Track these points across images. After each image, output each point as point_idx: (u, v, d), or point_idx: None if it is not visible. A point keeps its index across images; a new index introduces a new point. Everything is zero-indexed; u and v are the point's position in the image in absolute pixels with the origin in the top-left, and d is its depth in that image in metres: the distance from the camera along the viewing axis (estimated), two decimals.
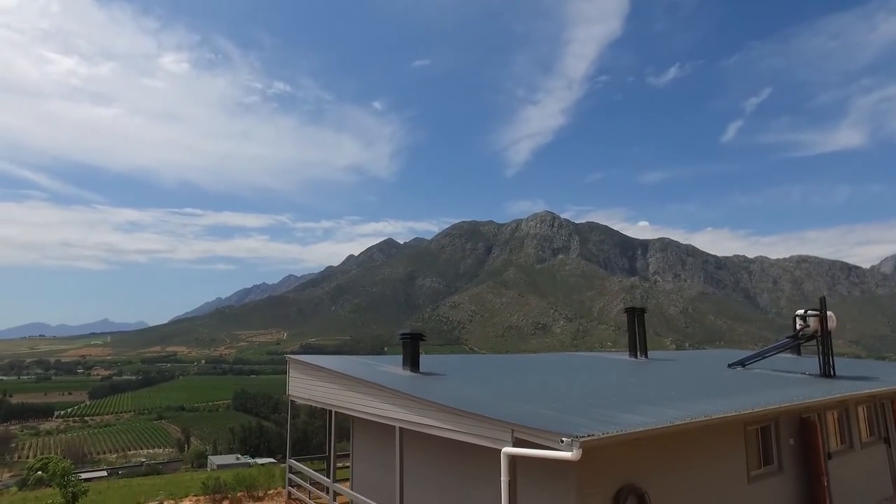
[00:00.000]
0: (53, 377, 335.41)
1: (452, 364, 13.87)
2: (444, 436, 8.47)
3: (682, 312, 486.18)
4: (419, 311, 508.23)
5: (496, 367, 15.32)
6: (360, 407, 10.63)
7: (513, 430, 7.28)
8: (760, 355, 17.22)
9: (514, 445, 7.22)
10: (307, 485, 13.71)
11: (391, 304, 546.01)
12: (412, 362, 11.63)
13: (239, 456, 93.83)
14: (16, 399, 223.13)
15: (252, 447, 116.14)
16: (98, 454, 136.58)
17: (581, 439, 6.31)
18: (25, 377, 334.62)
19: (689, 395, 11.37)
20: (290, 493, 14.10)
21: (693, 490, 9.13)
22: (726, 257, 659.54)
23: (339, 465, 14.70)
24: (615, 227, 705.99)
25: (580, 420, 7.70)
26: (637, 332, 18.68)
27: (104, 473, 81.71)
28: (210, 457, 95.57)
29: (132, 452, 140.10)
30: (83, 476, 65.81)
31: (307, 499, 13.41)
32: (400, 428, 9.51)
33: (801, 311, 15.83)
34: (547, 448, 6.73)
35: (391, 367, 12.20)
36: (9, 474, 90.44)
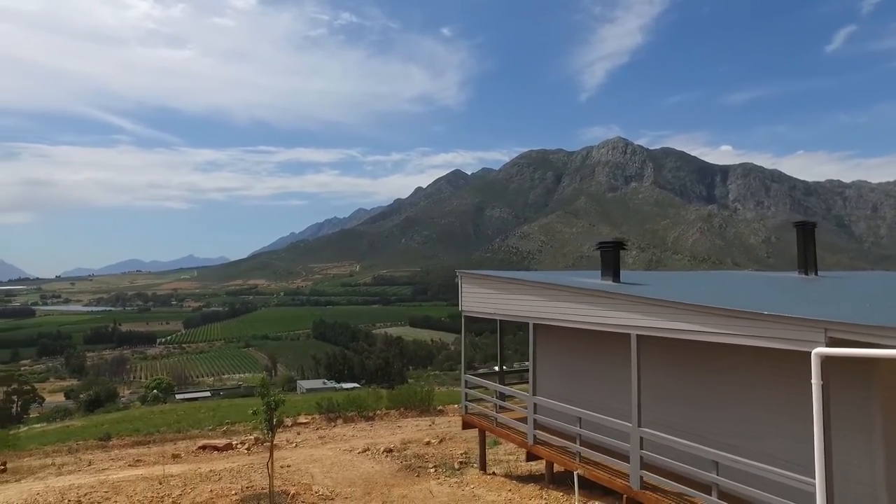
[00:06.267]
0: (152, 309, 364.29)
1: (643, 278, 12.55)
2: (715, 341, 7.45)
3: (763, 242, 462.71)
4: (488, 242, 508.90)
5: (696, 281, 13.91)
6: (576, 316, 9.84)
7: (826, 330, 6.15)
8: None
9: (828, 346, 6.11)
10: (493, 399, 13.07)
11: (460, 235, 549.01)
12: (614, 272, 10.46)
13: (325, 381, 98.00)
14: (124, 327, 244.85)
15: (336, 373, 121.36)
16: (197, 377, 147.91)
17: None
18: (129, 308, 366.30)
19: None
20: (467, 408, 13.44)
21: None
22: (817, 182, 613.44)
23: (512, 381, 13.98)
24: (694, 153, 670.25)
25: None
26: (807, 248, 16.51)
27: (208, 394, 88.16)
28: (298, 381, 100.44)
29: (226, 376, 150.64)
30: (191, 396, 70.25)
31: (494, 413, 12.70)
32: (637, 335, 8.46)
33: None
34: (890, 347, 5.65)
35: (588, 279, 11.14)
36: (128, 391, 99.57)
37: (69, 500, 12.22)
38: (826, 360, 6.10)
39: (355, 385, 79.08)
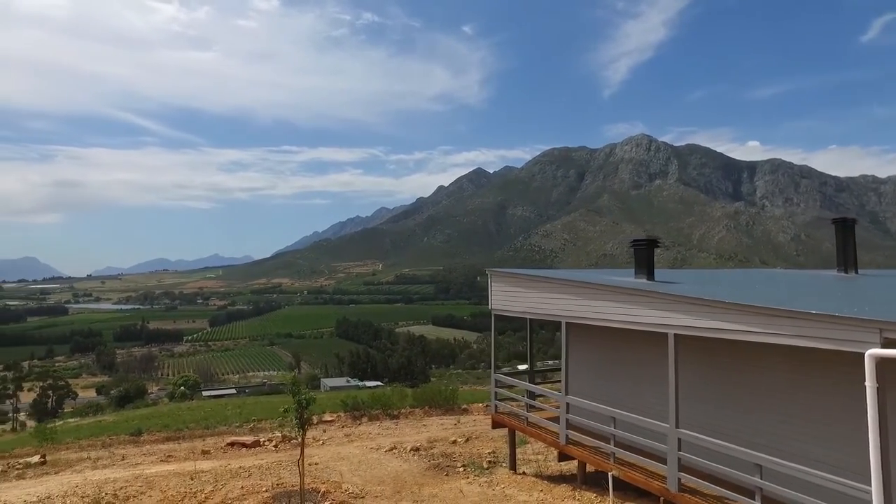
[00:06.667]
0: (179, 307, 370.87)
1: (676, 276, 12.30)
2: (758, 341, 7.23)
3: (792, 239, 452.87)
4: (510, 241, 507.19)
5: (732, 280, 13.61)
6: (611, 315, 9.69)
7: (881, 330, 5.91)
8: None
9: (884, 347, 5.87)
10: (524, 398, 12.90)
11: (482, 233, 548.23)
12: (648, 271, 10.21)
13: (349, 379, 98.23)
14: (152, 325, 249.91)
15: (360, 371, 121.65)
16: (223, 374, 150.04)
17: None
18: (156, 306, 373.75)
19: None
20: (496, 407, 13.34)
21: None
22: (850, 178, 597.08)
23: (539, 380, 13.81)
24: (719, 149, 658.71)
25: None
26: (846, 245, 15.96)
27: (233, 391, 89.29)
28: (322, 379, 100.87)
29: (251, 374, 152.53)
30: (217, 393, 71.15)
31: (525, 412, 12.59)
32: (675, 335, 8.25)
33: None
34: None
35: (622, 277, 10.96)
36: (156, 387, 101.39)
37: (106, 494, 12.43)
38: (881, 362, 5.89)
39: (378, 383, 79.23)
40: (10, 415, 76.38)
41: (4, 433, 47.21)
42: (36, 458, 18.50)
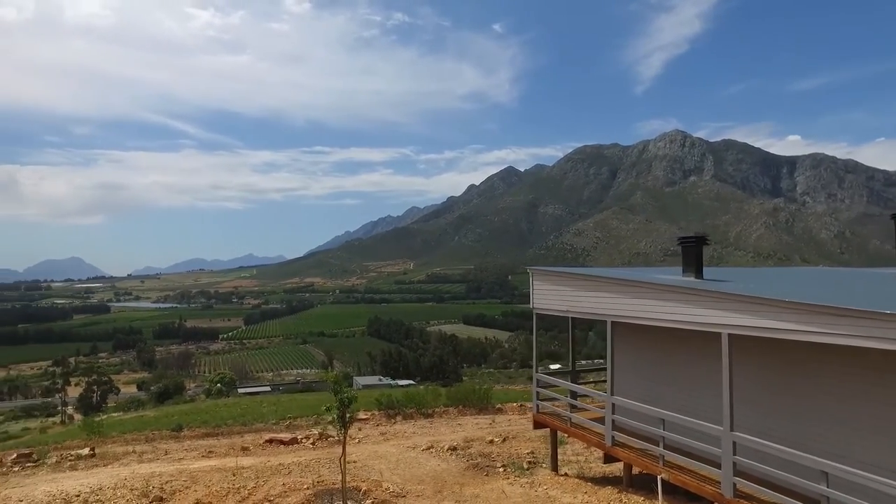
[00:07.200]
0: (214, 306, 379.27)
1: (724, 274, 11.89)
2: (822, 342, 6.90)
3: (836, 237, 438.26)
4: (542, 239, 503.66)
5: (783, 277, 13.13)
6: (660, 314, 9.41)
7: None
8: None
9: None
10: (567, 398, 12.69)
11: (513, 232, 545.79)
12: (696, 268, 9.89)
13: (381, 378, 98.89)
14: (189, 324, 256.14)
15: (392, 370, 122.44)
16: (257, 372, 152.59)
17: None
18: (193, 305, 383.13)
19: None
20: (538, 407, 13.17)
21: None
22: None
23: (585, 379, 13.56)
24: (757, 144, 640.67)
25: None
26: None
27: (268, 389, 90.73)
28: (355, 377, 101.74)
29: (284, 372, 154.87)
30: (252, 390, 72.19)
31: (568, 413, 12.39)
32: (729, 335, 7.96)
33: None
34: None
35: (669, 275, 10.65)
36: (193, 384, 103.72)
37: (153, 487, 12.71)
38: None
39: (410, 382, 79.49)
40: (59, 408, 79.43)
41: (54, 425, 49.02)
42: (86, 451, 19.07)
